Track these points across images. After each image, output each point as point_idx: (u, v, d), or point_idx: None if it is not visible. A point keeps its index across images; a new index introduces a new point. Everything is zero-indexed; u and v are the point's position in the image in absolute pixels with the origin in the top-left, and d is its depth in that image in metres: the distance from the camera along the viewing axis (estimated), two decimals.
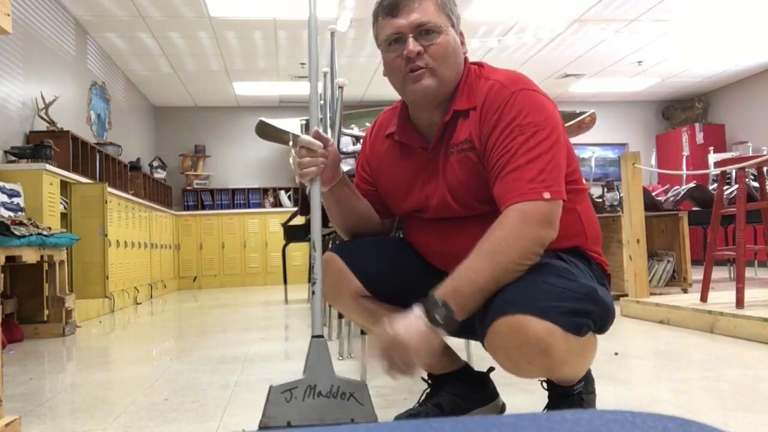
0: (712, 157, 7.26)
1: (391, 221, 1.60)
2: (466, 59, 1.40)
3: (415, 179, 1.42)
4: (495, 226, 1.20)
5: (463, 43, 1.39)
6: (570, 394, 1.31)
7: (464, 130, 1.33)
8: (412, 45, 1.29)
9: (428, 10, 1.31)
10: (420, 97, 1.33)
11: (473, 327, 1.24)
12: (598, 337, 1.29)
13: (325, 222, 3.25)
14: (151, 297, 6.59)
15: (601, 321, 1.22)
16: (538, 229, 1.19)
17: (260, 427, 1.17)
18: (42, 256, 3.58)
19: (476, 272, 1.16)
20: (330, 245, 3.30)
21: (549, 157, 1.22)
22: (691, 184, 5.07)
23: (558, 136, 1.26)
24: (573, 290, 1.17)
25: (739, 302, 2.95)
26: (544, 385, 1.36)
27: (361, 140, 3.39)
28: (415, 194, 1.42)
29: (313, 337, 1.21)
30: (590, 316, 1.18)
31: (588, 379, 1.36)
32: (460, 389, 1.52)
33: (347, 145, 3.37)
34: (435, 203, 1.38)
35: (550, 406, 1.36)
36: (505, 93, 1.29)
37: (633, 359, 2.46)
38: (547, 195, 1.19)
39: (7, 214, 3.56)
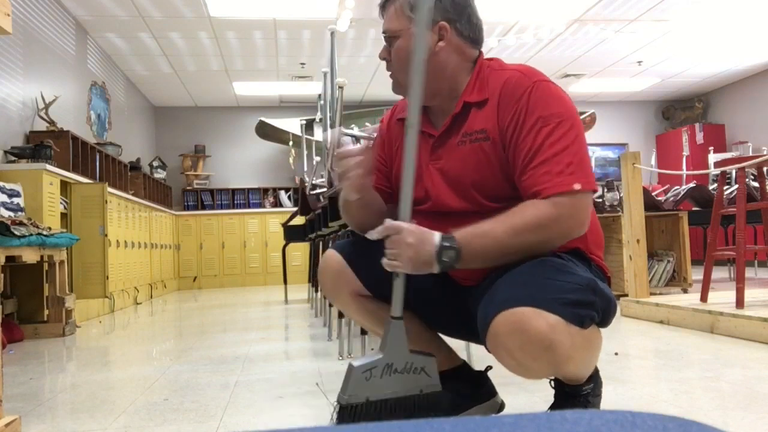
0: (712, 157, 7.26)
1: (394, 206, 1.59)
2: (480, 52, 1.39)
3: (420, 167, 1.40)
4: (527, 207, 1.21)
5: (443, 37, 1.34)
6: (578, 394, 1.29)
7: (479, 120, 1.32)
8: (382, 52, 1.41)
9: (390, 16, 1.37)
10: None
11: (474, 329, 1.23)
12: None
13: (327, 221, 3.24)
14: (151, 297, 6.59)
15: (604, 312, 1.21)
16: (566, 220, 1.21)
17: (341, 404, 1.25)
18: (42, 256, 3.58)
19: (493, 239, 1.21)
20: (330, 243, 3.29)
21: (575, 148, 1.23)
22: (691, 184, 5.07)
23: (580, 127, 1.27)
24: (573, 282, 1.16)
25: (739, 302, 2.95)
26: (552, 383, 1.34)
27: (362, 140, 3.39)
28: (420, 183, 1.40)
29: (391, 317, 1.28)
30: (592, 307, 1.17)
31: (597, 382, 1.33)
32: (459, 388, 1.51)
33: (347, 145, 3.37)
34: (435, 193, 1.37)
35: (555, 406, 1.34)
36: (525, 82, 1.28)
37: (633, 359, 2.46)
38: (577, 186, 1.20)
39: (7, 214, 3.56)
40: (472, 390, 1.52)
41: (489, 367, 1.54)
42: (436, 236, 1.21)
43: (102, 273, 4.60)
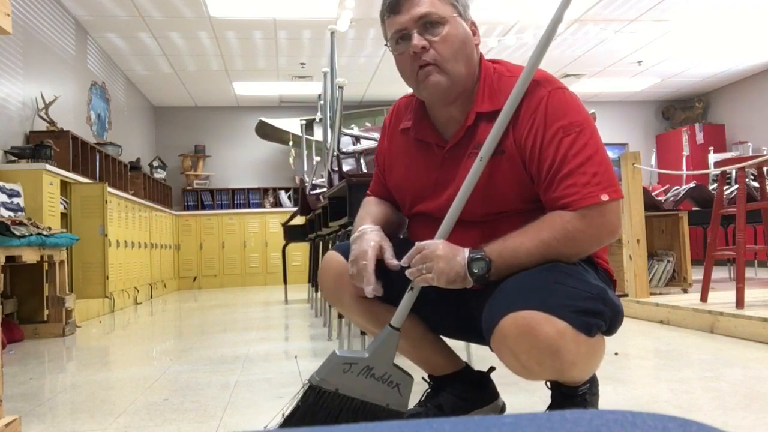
0: (712, 157, 7.26)
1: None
2: (480, 54, 1.37)
3: (427, 179, 1.38)
4: (555, 219, 1.20)
5: (475, 33, 1.34)
6: (574, 395, 1.29)
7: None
8: (416, 40, 1.26)
9: (430, 0, 1.27)
10: (431, 94, 1.31)
11: (476, 330, 1.23)
12: None
13: (327, 221, 3.24)
14: (151, 297, 6.59)
15: (611, 322, 1.21)
16: (596, 231, 1.21)
17: (311, 383, 1.27)
18: (42, 256, 3.58)
19: (525, 252, 1.20)
20: (330, 245, 3.29)
21: (599, 158, 1.22)
22: (691, 184, 5.07)
23: (598, 134, 1.26)
24: (584, 290, 1.16)
25: (739, 302, 2.95)
26: (548, 384, 1.34)
27: (362, 140, 3.39)
28: (426, 194, 1.39)
29: (390, 326, 1.31)
30: (601, 316, 1.17)
31: (593, 381, 1.33)
32: (461, 390, 1.50)
33: (347, 145, 3.37)
34: (443, 203, 1.34)
35: (553, 406, 1.34)
36: (541, 92, 1.25)
37: (633, 359, 2.46)
38: (604, 197, 1.19)
39: (7, 214, 3.56)
40: (474, 393, 1.52)
41: (492, 368, 1.53)
42: (465, 249, 1.22)
43: (102, 273, 4.60)
